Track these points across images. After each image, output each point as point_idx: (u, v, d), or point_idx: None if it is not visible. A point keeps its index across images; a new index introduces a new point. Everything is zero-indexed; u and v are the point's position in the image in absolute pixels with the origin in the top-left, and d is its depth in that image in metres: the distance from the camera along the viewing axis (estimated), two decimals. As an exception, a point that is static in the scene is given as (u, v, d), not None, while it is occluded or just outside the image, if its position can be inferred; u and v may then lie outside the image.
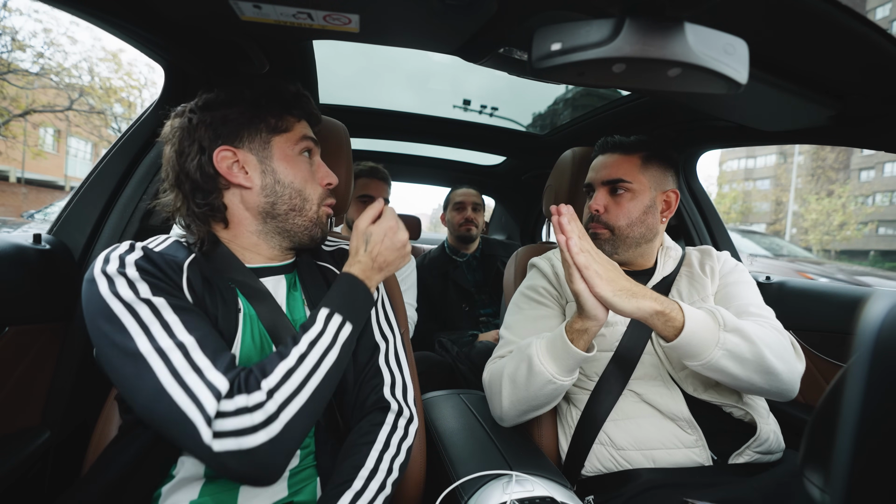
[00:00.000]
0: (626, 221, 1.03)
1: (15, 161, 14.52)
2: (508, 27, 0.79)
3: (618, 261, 1.06)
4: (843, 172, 27.33)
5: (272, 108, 0.79)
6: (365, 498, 0.69)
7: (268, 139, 0.79)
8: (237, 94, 0.78)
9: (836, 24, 0.66)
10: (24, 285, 0.88)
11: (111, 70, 14.45)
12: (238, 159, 0.77)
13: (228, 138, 0.76)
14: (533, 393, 0.88)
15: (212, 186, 0.77)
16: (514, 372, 0.91)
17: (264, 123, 0.78)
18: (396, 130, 1.97)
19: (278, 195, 0.79)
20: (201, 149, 0.75)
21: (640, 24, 0.46)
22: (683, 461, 0.91)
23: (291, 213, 0.80)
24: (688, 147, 1.46)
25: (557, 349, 0.85)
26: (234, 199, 0.79)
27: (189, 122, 0.77)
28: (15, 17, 16.89)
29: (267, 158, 0.78)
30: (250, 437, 0.58)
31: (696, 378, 0.96)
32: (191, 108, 0.78)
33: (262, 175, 0.78)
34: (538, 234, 2.80)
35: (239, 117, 0.77)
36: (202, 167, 0.75)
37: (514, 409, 0.93)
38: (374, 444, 0.76)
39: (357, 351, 0.84)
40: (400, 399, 0.83)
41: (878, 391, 0.33)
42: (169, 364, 0.59)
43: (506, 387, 0.92)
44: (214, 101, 0.78)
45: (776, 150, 31.61)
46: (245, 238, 0.80)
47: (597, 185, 1.07)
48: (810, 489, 0.43)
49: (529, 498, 0.73)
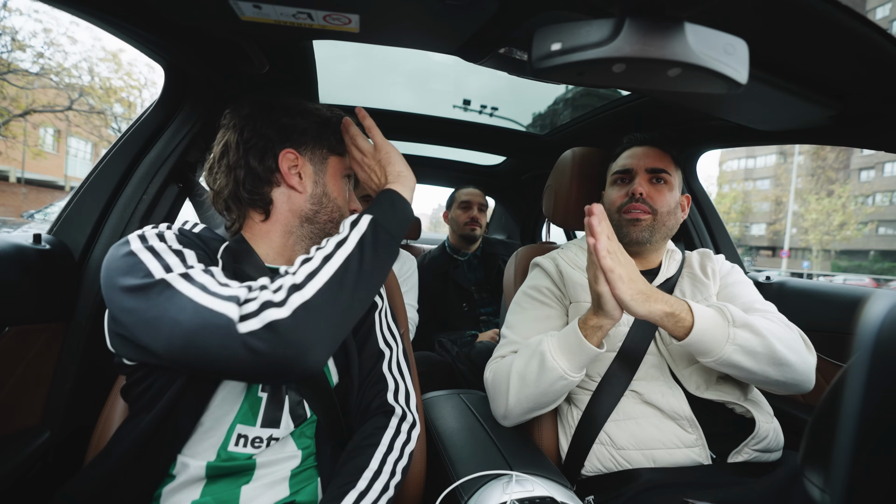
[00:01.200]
0: (666, 209, 1.05)
1: (15, 161, 14.52)
2: (508, 27, 0.79)
3: (640, 252, 1.08)
4: (843, 172, 27.34)
5: (337, 133, 0.86)
6: (369, 498, 0.70)
7: (326, 156, 0.86)
8: (312, 111, 0.85)
9: (836, 24, 0.66)
10: (24, 285, 0.88)
11: (111, 70, 14.47)
12: (298, 164, 0.82)
13: (296, 143, 0.82)
14: (543, 389, 0.89)
15: (268, 179, 0.80)
16: (523, 368, 0.92)
17: (327, 142, 0.85)
18: (396, 130, 1.97)
19: (323, 206, 0.84)
20: (268, 144, 0.80)
21: (640, 24, 0.46)
22: (683, 461, 0.91)
23: (329, 224, 0.86)
24: (688, 147, 1.46)
25: (571, 345, 0.87)
26: (282, 197, 0.82)
27: (261, 115, 0.81)
28: (15, 17, 16.88)
29: (321, 172, 0.85)
30: (272, 310, 0.56)
31: (699, 377, 0.97)
32: (266, 104, 0.83)
33: (315, 185, 0.84)
34: (538, 233, 2.80)
35: (310, 128, 0.83)
36: (265, 160, 0.80)
37: (520, 406, 0.93)
38: (378, 447, 0.77)
39: (361, 357, 0.85)
40: (403, 404, 0.84)
41: (878, 391, 0.33)
42: (194, 282, 0.59)
43: (514, 384, 0.93)
44: (292, 108, 0.84)
45: (776, 150, 31.62)
46: (276, 234, 0.82)
47: (639, 170, 1.07)
48: (810, 489, 0.43)
49: (529, 498, 0.73)
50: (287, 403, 0.76)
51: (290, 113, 0.83)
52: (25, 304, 0.89)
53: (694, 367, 0.98)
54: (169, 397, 0.68)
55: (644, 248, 1.07)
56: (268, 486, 0.73)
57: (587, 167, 1.24)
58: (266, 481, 0.73)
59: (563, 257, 1.15)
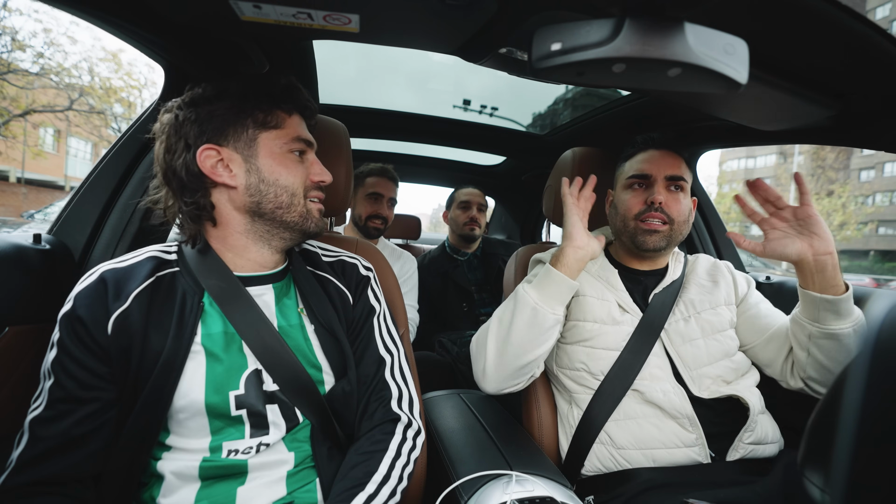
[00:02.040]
0: (682, 218, 1.04)
1: (15, 161, 14.51)
2: (508, 27, 0.79)
3: (644, 257, 1.09)
4: (843, 172, 27.31)
5: (260, 103, 0.76)
6: (377, 502, 0.70)
7: (254, 136, 0.76)
8: (224, 89, 0.75)
9: (836, 24, 0.66)
10: (24, 285, 0.88)
11: (111, 70, 14.47)
12: (222, 158, 0.74)
13: (213, 136, 0.74)
14: (518, 331, 0.92)
15: (198, 185, 0.74)
16: (501, 313, 0.97)
17: (251, 119, 0.75)
18: (396, 130, 1.97)
19: (263, 194, 0.75)
20: (187, 146, 0.73)
21: (640, 24, 0.46)
22: (683, 460, 0.91)
23: (278, 211, 0.77)
24: (688, 147, 1.46)
25: (541, 280, 0.94)
26: (222, 197, 0.76)
27: (176, 119, 0.74)
28: (15, 17, 16.89)
29: (252, 157, 0.75)
30: None
31: (709, 379, 0.97)
32: (178, 104, 0.76)
33: (247, 174, 0.75)
34: (538, 233, 2.80)
35: (225, 113, 0.74)
36: (188, 165, 0.73)
37: (499, 359, 0.94)
38: (386, 452, 0.76)
39: (362, 365, 0.84)
40: (407, 412, 0.84)
41: (878, 391, 0.33)
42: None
43: (492, 332, 0.96)
44: (201, 97, 0.75)
45: (776, 150, 31.60)
46: (234, 239, 0.78)
47: (659, 177, 1.03)
48: (810, 489, 0.43)
49: (529, 498, 0.73)
50: (277, 410, 0.75)
51: (205, 99, 0.75)
52: (25, 304, 0.89)
53: (702, 371, 0.98)
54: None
55: (658, 254, 1.07)
56: (264, 487, 0.72)
57: (587, 167, 1.23)
58: (261, 482, 0.72)
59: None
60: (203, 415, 0.70)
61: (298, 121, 0.81)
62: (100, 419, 0.68)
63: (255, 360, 0.74)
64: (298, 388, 0.75)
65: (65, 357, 0.67)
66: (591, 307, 1.03)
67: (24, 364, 0.89)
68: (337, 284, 0.87)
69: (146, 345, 0.69)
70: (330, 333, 0.81)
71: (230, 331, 0.74)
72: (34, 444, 0.65)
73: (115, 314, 0.68)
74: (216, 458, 0.71)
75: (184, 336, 0.70)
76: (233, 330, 0.74)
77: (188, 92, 0.77)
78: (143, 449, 0.70)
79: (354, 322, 0.86)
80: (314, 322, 0.81)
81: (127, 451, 0.69)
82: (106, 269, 0.72)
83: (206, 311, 0.74)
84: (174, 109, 0.76)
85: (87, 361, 0.67)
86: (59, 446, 0.65)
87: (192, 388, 0.69)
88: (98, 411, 0.68)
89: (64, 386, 0.66)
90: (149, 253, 0.77)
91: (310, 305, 0.81)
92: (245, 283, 0.78)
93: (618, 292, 1.05)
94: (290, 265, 0.85)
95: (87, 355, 0.67)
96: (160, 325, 0.70)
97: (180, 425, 0.71)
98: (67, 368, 0.67)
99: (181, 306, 0.72)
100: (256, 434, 0.73)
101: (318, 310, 0.81)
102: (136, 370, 0.68)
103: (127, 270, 0.73)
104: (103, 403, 0.68)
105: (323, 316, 0.81)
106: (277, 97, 0.78)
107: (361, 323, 0.87)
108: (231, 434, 0.72)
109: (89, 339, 0.67)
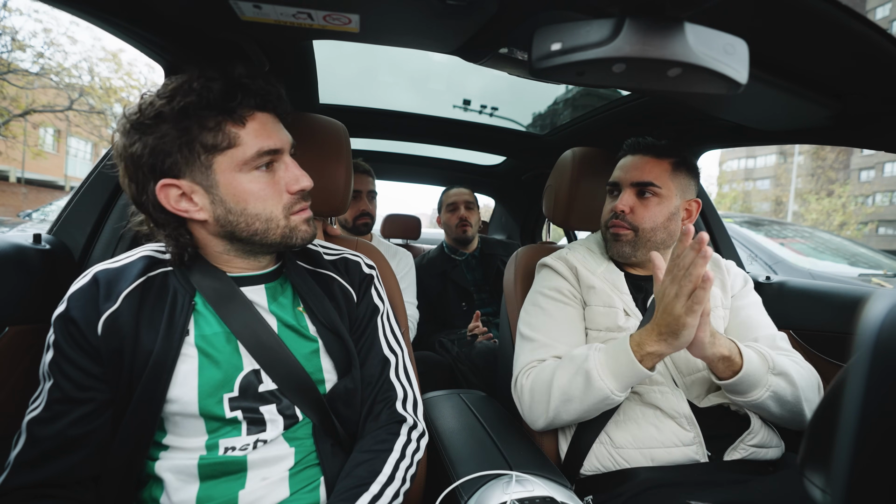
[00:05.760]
0: (650, 225, 1.02)
1: (15, 161, 14.52)
2: (508, 27, 0.79)
3: (634, 262, 1.08)
4: (843, 172, 27.33)
5: (203, 118, 0.64)
6: (381, 503, 0.70)
7: (208, 163, 0.65)
8: (161, 110, 0.63)
9: (836, 24, 0.66)
10: (24, 285, 0.88)
11: (111, 70, 14.43)
12: (182, 189, 0.66)
13: (166, 168, 0.64)
14: (588, 407, 0.89)
15: (169, 219, 0.69)
16: (567, 385, 0.89)
17: (198, 143, 0.64)
18: (396, 130, 1.97)
19: (234, 224, 0.69)
20: (145, 184, 0.66)
21: (640, 24, 0.46)
22: (681, 459, 0.91)
23: (255, 237, 0.71)
24: (688, 147, 1.46)
25: (621, 366, 0.84)
26: (196, 226, 0.72)
27: (125, 150, 0.65)
28: (15, 17, 16.89)
29: (212, 187, 0.66)
30: None
31: (700, 386, 0.97)
32: (125, 125, 0.65)
33: (213, 205, 0.68)
34: (538, 234, 2.80)
35: (171, 141, 0.63)
36: (153, 202, 0.67)
37: (559, 420, 0.93)
38: (391, 453, 0.77)
39: (367, 364, 0.84)
40: (412, 413, 0.84)
41: (878, 391, 0.33)
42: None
43: (555, 398, 0.91)
44: (143, 120, 0.63)
45: (776, 150, 31.61)
46: (218, 255, 0.76)
47: (625, 185, 1.04)
48: (810, 489, 0.43)
49: (529, 498, 0.73)
50: (275, 409, 0.75)
51: (148, 122, 0.63)
52: (26, 304, 0.89)
53: (695, 378, 0.98)
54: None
55: (642, 258, 1.07)
56: (267, 487, 0.72)
57: (587, 167, 1.24)
58: (263, 482, 0.72)
59: (575, 259, 1.11)
60: (198, 416, 0.70)
61: (258, 126, 0.69)
62: (96, 420, 0.68)
63: (251, 360, 0.74)
64: (297, 386, 0.75)
65: (60, 358, 0.67)
66: (600, 317, 1.03)
67: (24, 364, 0.89)
68: (341, 282, 0.87)
69: (138, 345, 0.69)
70: (333, 332, 0.80)
71: (226, 331, 0.73)
72: (32, 445, 0.65)
73: (104, 315, 0.68)
74: (213, 455, 0.71)
75: (174, 336, 0.70)
76: (228, 331, 0.73)
77: (137, 102, 0.66)
78: (139, 449, 0.70)
79: (358, 320, 0.86)
80: (316, 323, 0.80)
81: (124, 451, 0.69)
82: (99, 269, 0.72)
83: (200, 312, 0.74)
84: (123, 132, 0.66)
85: (81, 362, 0.67)
86: (56, 448, 0.65)
87: (186, 391, 0.69)
88: (94, 412, 0.68)
89: (61, 387, 0.66)
90: (142, 253, 0.76)
91: (309, 305, 0.81)
92: (237, 283, 0.77)
93: (623, 296, 1.05)
94: (284, 265, 0.84)
95: (80, 356, 0.67)
96: (151, 324, 0.70)
97: (176, 425, 0.71)
98: (63, 369, 0.67)
99: (172, 305, 0.72)
100: (253, 431, 0.73)
101: (318, 309, 0.80)
102: (129, 370, 0.68)
103: (119, 271, 0.72)
104: (98, 404, 0.68)
105: (324, 315, 0.80)
106: (219, 103, 0.65)
107: (365, 322, 0.87)
108: (228, 432, 0.72)
109: (82, 340, 0.67)
